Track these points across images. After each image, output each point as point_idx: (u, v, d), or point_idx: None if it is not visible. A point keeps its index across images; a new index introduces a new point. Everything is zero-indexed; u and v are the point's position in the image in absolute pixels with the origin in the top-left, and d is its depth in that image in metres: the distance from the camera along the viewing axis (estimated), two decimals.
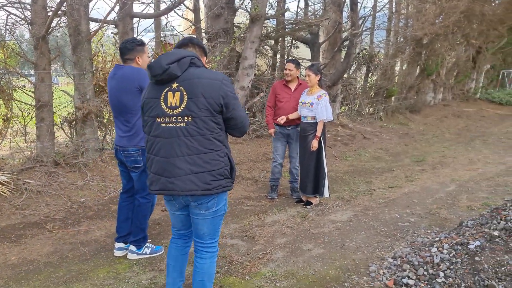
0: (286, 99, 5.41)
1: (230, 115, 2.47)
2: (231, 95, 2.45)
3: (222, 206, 2.64)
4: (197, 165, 2.41)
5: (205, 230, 2.64)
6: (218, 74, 2.49)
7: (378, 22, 13.45)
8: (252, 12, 7.68)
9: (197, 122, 2.38)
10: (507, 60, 19.55)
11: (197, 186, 2.42)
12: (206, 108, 2.37)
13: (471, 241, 3.12)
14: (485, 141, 10.02)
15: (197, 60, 2.49)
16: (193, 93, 2.37)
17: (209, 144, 2.42)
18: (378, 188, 6.13)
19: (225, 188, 2.53)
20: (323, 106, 4.99)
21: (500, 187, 5.89)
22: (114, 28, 6.86)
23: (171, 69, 2.38)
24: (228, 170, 2.53)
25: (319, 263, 3.68)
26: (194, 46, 2.65)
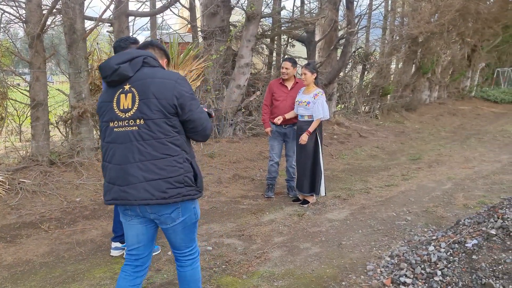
0: (283, 98, 5.40)
1: (187, 117, 2.28)
2: (187, 95, 2.27)
3: (191, 215, 2.44)
4: (151, 172, 2.23)
5: (178, 241, 2.49)
6: (173, 73, 2.33)
7: (374, 20, 13.47)
8: (248, 10, 7.66)
9: (149, 125, 2.22)
10: (502, 59, 19.63)
11: (151, 194, 2.23)
12: (158, 109, 2.21)
13: (468, 240, 3.13)
14: (480, 139, 10.06)
15: (151, 60, 2.34)
16: (145, 94, 2.22)
17: (164, 149, 2.24)
18: (375, 186, 6.13)
19: (186, 197, 2.32)
20: (319, 104, 4.99)
21: (496, 185, 5.91)
22: (109, 27, 6.83)
23: (121, 69, 2.24)
24: (190, 177, 2.33)
25: (317, 262, 3.67)
26: (153, 48, 2.55)
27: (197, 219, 2.52)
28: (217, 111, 7.78)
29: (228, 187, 6.11)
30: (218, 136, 7.85)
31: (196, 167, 2.38)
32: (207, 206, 5.32)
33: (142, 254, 2.52)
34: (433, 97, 16.16)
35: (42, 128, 5.67)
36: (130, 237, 2.49)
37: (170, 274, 3.48)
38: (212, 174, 6.40)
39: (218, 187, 6.04)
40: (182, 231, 2.45)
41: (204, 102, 7.66)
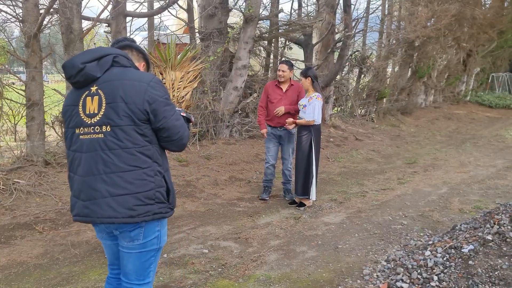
0: (277, 100, 5.43)
1: (161, 125, 2.02)
2: (161, 100, 2.01)
3: (154, 239, 2.12)
4: (117, 186, 1.96)
5: (130, 266, 2.15)
6: (146, 75, 2.06)
7: (371, 24, 13.52)
8: (246, 12, 7.66)
9: (116, 133, 1.96)
10: (496, 64, 19.75)
11: (116, 212, 1.96)
12: (127, 115, 1.95)
13: (465, 245, 3.13)
14: (475, 144, 10.11)
15: (123, 59, 2.08)
16: (112, 97, 1.96)
17: (133, 160, 1.97)
18: (371, 190, 6.14)
19: (156, 215, 2.04)
20: (311, 107, 5.06)
21: (491, 190, 5.94)
22: (107, 27, 6.80)
23: (87, 69, 1.98)
24: (163, 192, 2.06)
25: (313, 266, 3.67)
26: (131, 50, 2.30)
27: (160, 247, 2.18)
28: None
29: (225, 189, 6.09)
30: (214, 138, 7.84)
31: (169, 181, 2.12)
32: (203, 208, 5.31)
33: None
34: (429, 101, 16.23)
35: (38, 128, 5.63)
36: (108, 254, 2.31)
37: (166, 277, 3.46)
38: (209, 176, 6.38)
39: (214, 189, 6.03)
40: (137, 257, 2.13)
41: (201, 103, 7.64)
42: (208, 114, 7.76)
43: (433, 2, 12.39)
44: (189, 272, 3.56)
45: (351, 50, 12.03)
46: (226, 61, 8.64)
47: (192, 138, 7.39)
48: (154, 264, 2.21)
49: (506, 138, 10.78)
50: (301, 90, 5.42)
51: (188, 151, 7.09)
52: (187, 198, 5.60)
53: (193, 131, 7.38)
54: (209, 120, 7.82)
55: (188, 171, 6.39)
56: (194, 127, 7.45)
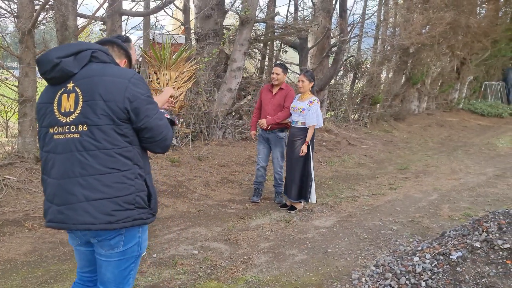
0: (265, 103, 5.47)
1: (143, 124, 1.91)
2: (142, 98, 1.90)
3: (134, 245, 2.01)
4: (94, 190, 1.83)
5: (108, 275, 2.02)
6: (127, 71, 1.95)
7: (366, 29, 13.59)
8: (242, 14, 7.67)
9: (94, 133, 1.84)
10: (489, 72, 19.93)
11: (93, 218, 1.83)
12: (105, 114, 1.83)
13: (453, 252, 3.16)
14: (467, 151, 10.19)
15: (102, 54, 1.96)
16: (90, 94, 1.84)
17: (112, 162, 1.85)
18: (362, 195, 6.17)
19: (137, 221, 1.93)
20: (313, 112, 5.04)
21: (481, 198, 5.99)
22: (102, 25, 6.78)
23: (63, 64, 1.86)
24: (143, 197, 1.95)
25: (302, 269, 3.67)
26: (112, 46, 2.20)
27: (140, 254, 2.09)
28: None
29: (216, 191, 6.09)
30: (207, 139, 7.83)
31: (150, 185, 2.01)
32: (194, 209, 5.30)
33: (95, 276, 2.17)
34: (422, 107, 16.34)
35: (30, 124, 5.59)
36: (79, 260, 2.17)
37: (155, 277, 3.45)
38: (201, 177, 6.37)
39: (206, 190, 6.02)
40: (117, 265, 2.01)
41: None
42: (201, 115, 7.75)
43: (429, 10, 12.49)
44: (178, 272, 3.55)
45: (346, 55, 12.09)
46: (221, 63, 8.64)
47: (185, 138, 7.38)
48: (134, 270, 2.11)
49: (497, 147, 10.88)
50: (288, 94, 5.36)
51: (181, 151, 7.07)
52: (178, 198, 5.59)
53: (186, 131, 7.37)
54: (203, 121, 7.81)
55: (180, 172, 6.38)
56: (187, 128, 7.44)
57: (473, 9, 15.35)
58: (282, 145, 5.47)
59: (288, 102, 5.32)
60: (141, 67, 7.59)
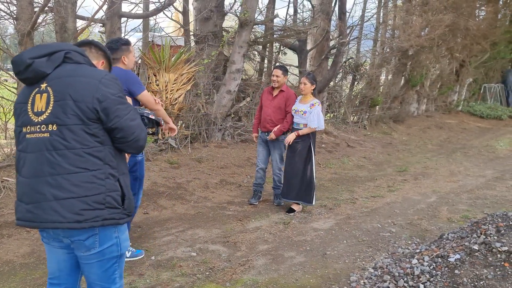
0: (266, 105, 5.49)
1: (113, 124, 1.92)
2: (112, 98, 1.91)
3: (112, 246, 2.01)
4: (63, 189, 1.85)
5: (92, 277, 2.05)
6: (99, 71, 1.98)
7: (365, 32, 13.63)
8: (241, 16, 7.68)
9: (63, 132, 1.86)
10: (489, 75, 19.96)
11: (61, 216, 1.84)
12: (74, 114, 1.86)
13: (451, 254, 3.16)
14: (466, 154, 10.20)
15: (76, 55, 1.98)
16: (61, 94, 1.88)
17: (81, 162, 1.87)
18: (361, 197, 6.17)
19: (107, 221, 1.92)
20: (315, 114, 5.10)
21: (480, 200, 5.99)
22: (101, 27, 6.78)
23: (35, 64, 1.89)
24: (115, 197, 1.95)
25: (301, 272, 3.67)
26: (90, 47, 2.22)
27: (121, 253, 2.07)
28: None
29: (215, 193, 6.09)
30: (206, 141, 7.83)
31: (124, 185, 2.01)
32: (193, 211, 5.30)
33: (64, 284, 2.14)
34: (421, 109, 16.35)
35: None
36: (50, 262, 2.13)
37: (153, 280, 3.44)
38: (199, 179, 6.37)
39: (204, 192, 6.02)
40: (98, 266, 2.02)
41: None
42: (200, 117, 7.75)
43: (428, 12, 12.52)
44: (176, 275, 3.55)
45: (345, 57, 12.10)
46: (220, 65, 8.65)
47: (184, 140, 7.38)
48: (119, 270, 2.10)
49: (496, 149, 10.89)
50: (289, 98, 5.37)
51: (180, 153, 7.08)
52: (177, 200, 5.59)
53: (185, 133, 7.38)
54: (202, 123, 7.81)
55: (179, 174, 6.38)
56: (186, 130, 7.45)
57: (472, 12, 15.38)
58: (281, 148, 5.48)
59: (290, 106, 5.33)
60: (140, 69, 7.60)
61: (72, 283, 2.16)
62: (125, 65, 3.56)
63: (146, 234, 4.46)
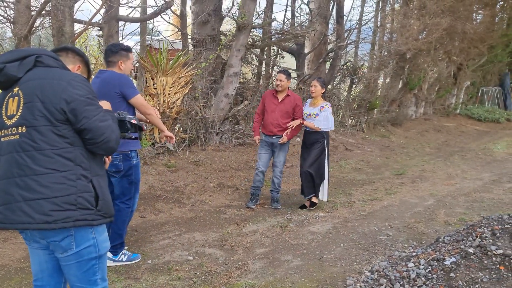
0: (271, 109, 5.48)
1: (82, 125, 1.92)
2: (81, 99, 1.92)
3: (90, 247, 2.01)
4: (31, 190, 1.86)
5: (72, 278, 2.05)
6: (69, 74, 2.01)
7: (363, 35, 13.67)
8: (239, 20, 7.70)
9: (31, 134, 1.88)
10: (486, 78, 19.99)
11: (30, 217, 1.85)
12: (42, 115, 1.88)
13: (447, 257, 3.16)
14: (463, 157, 10.21)
15: (47, 59, 2.01)
16: (29, 96, 1.91)
17: (50, 163, 1.88)
18: (358, 200, 6.17)
19: (79, 222, 1.91)
20: (323, 116, 5.36)
21: (477, 203, 6.00)
22: (99, 31, 6.80)
23: (6, 69, 1.94)
24: (88, 198, 1.94)
25: (297, 275, 3.67)
26: (66, 52, 2.22)
27: (99, 254, 2.06)
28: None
29: (212, 196, 6.09)
30: (204, 144, 7.84)
31: (98, 186, 1.99)
32: (190, 214, 5.30)
33: (47, 285, 2.15)
34: (419, 113, 16.38)
35: None
36: (33, 264, 2.15)
37: (149, 284, 3.44)
38: (197, 182, 6.37)
39: (202, 196, 6.02)
40: (77, 267, 2.02)
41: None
42: (198, 120, 7.76)
43: (425, 16, 12.56)
44: (172, 279, 3.54)
45: (343, 60, 12.14)
46: (218, 68, 8.67)
47: (182, 144, 7.38)
48: (100, 272, 2.09)
49: (493, 152, 10.90)
50: (297, 103, 5.48)
51: (177, 156, 7.08)
52: (174, 204, 5.59)
53: (182, 137, 7.38)
54: (199, 127, 7.82)
55: (177, 177, 6.38)
56: (184, 133, 7.45)
57: (469, 15, 15.42)
58: (286, 150, 5.61)
59: (299, 112, 5.47)
60: (138, 72, 7.61)
61: (54, 284, 2.16)
62: (120, 70, 3.58)
63: (142, 238, 4.45)
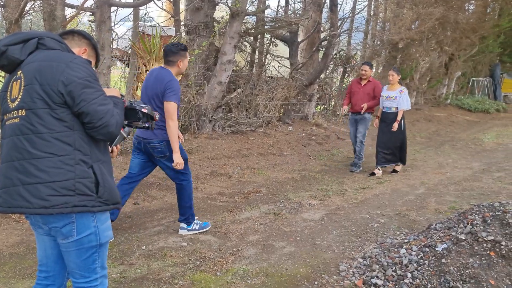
0: (356, 91, 7.27)
1: (79, 108, 1.87)
2: (78, 81, 1.86)
3: (90, 235, 1.98)
4: (29, 174, 1.84)
5: (71, 265, 2.03)
6: (69, 55, 1.95)
7: (356, 24, 13.66)
8: (232, 7, 7.64)
9: (30, 117, 1.86)
10: (477, 68, 20.14)
11: (27, 202, 1.83)
12: (40, 97, 1.85)
13: (439, 244, 3.21)
14: (454, 146, 10.32)
15: (49, 41, 1.97)
16: (29, 79, 1.88)
17: (47, 147, 1.85)
18: (350, 188, 6.22)
19: (77, 208, 1.89)
20: (404, 98, 6.80)
21: (467, 192, 6.08)
22: (91, 16, 6.70)
23: (9, 51, 1.91)
24: (87, 184, 1.90)
25: (290, 261, 3.71)
26: (72, 35, 2.18)
27: (99, 243, 2.03)
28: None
29: (205, 184, 6.10)
30: (197, 132, 7.82)
31: (99, 172, 1.95)
32: None
33: (52, 271, 2.14)
34: (411, 102, 16.47)
35: None
36: (38, 249, 2.15)
37: (144, 269, 3.45)
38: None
39: (195, 184, 6.02)
40: (76, 255, 1.99)
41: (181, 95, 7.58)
42: (191, 108, 7.73)
43: (418, 5, 12.57)
44: (167, 264, 3.56)
45: (336, 49, 12.12)
46: (211, 55, 8.61)
47: None
48: (100, 260, 2.07)
49: (483, 142, 11.03)
50: (376, 86, 7.16)
51: None
52: (167, 191, 5.59)
53: None
54: (192, 114, 7.79)
55: None
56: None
57: (461, 5, 15.46)
58: (366, 124, 7.24)
59: (378, 92, 7.09)
60: (131, 59, 7.53)
61: (58, 270, 2.15)
62: (179, 68, 3.95)
63: (136, 224, 4.46)
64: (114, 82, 7.30)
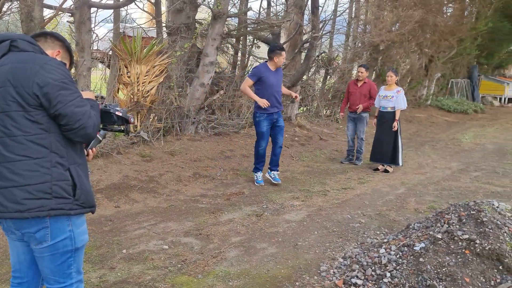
0: (353, 92, 7.86)
1: (56, 111, 1.85)
2: (54, 83, 1.84)
3: (65, 239, 1.95)
4: (2, 178, 1.82)
5: (45, 271, 1.99)
6: (43, 57, 1.92)
7: (337, 26, 13.76)
8: (214, 9, 7.64)
9: (3, 120, 1.83)
10: (456, 70, 20.52)
11: (2, 206, 1.82)
12: (14, 100, 1.82)
13: (417, 243, 3.28)
14: (433, 147, 10.50)
15: (22, 43, 1.94)
16: (2, 81, 1.85)
17: (22, 149, 1.82)
18: (332, 189, 6.28)
19: (54, 212, 1.86)
20: (401, 98, 7.18)
21: (445, 191, 6.20)
22: (70, 17, 6.61)
23: None
24: (64, 186, 1.88)
25: (272, 262, 3.73)
26: (45, 37, 2.13)
27: (75, 247, 1.99)
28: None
29: (188, 186, 6.08)
30: (179, 134, 7.79)
31: (76, 175, 1.93)
32: (165, 204, 5.28)
33: (25, 277, 2.12)
34: None
35: None
36: (11, 255, 2.12)
37: (124, 273, 3.43)
38: (172, 172, 6.34)
39: (177, 185, 6.00)
40: (51, 260, 1.95)
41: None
42: (173, 110, 7.70)
43: (398, 8, 12.77)
44: (148, 268, 3.54)
45: (318, 51, 12.22)
46: (193, 57, 8.59)
47: (157, 133, 7.32)
48: (75, 265, 2.03)
49: (461, 142, 11.25)
50: (371, 87, 7.76)
51: (152, 146, 7.01)
52: (149, 193, 5.55)
53: (157, 126, 7.31)
54: (175, 116, 7.76)
55: (151, 167, 6.33)
56: (159, 122, 7.38)
57: (440, 8, 15.76)
58: (363, 123, 7.93)
59: (374, 93, 7.66)
60: (111, 60, 7.46)
61: (32, 276, 2.13)
62: (275, 63, 5.77)
63: (117, 228, 4.42)
64: (95, 83, 7.22)
